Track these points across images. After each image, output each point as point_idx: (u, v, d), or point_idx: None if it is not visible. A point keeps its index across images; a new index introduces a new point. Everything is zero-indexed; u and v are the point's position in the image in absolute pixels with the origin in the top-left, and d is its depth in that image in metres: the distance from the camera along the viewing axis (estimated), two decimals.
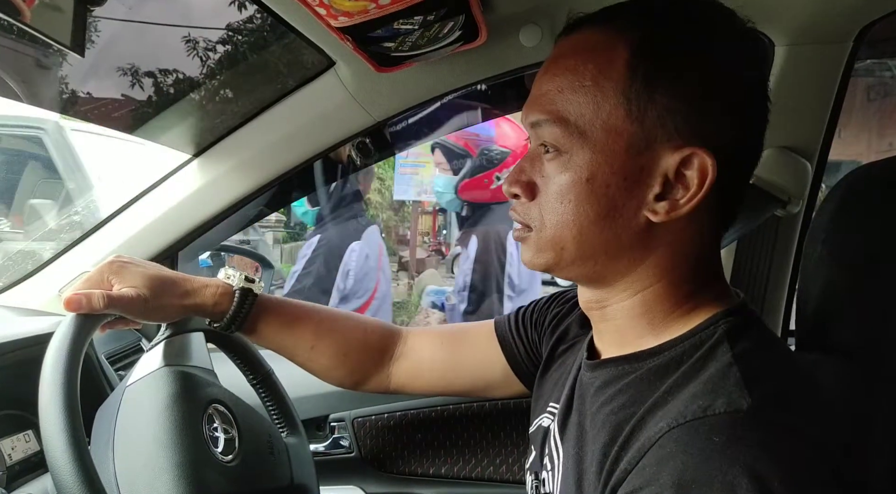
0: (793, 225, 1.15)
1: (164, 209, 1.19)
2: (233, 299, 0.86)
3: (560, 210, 0.60)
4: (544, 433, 0.75)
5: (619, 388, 0.60)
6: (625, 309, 0.63)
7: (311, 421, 1.28)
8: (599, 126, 0.58)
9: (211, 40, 1.23)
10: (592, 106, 0.58)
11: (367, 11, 0.79)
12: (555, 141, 0.60)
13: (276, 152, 1.18)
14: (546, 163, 0.61)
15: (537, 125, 0.61)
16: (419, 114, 1.39)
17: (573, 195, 0.59)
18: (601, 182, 0.58)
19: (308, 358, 0.94)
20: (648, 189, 0.58)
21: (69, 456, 0.60)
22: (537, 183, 0.62)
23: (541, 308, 0.90)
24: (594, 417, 0.61)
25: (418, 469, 1.30)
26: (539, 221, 0.62)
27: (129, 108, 1.29)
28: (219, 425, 0.80)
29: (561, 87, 0.60)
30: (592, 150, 0.58)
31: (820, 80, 1.05)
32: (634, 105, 0.57)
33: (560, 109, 0.59)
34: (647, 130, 0.57)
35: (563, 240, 0.61)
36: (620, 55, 0.57)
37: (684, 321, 0.61)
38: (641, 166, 0.58)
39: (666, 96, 0.56)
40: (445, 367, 0.94)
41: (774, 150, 1.06)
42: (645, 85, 0.57)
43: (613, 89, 0.57)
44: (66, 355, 0.67)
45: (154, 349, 0.83)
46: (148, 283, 0.79)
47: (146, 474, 0.70)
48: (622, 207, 0.59)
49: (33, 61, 1.03)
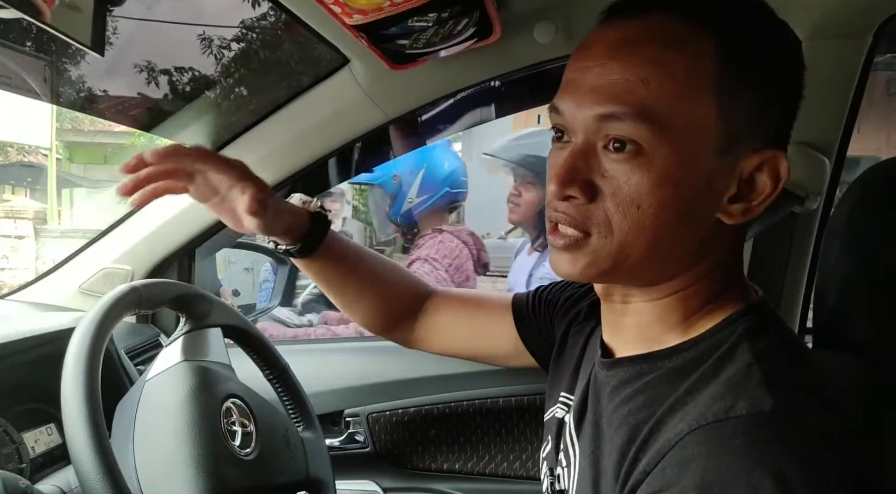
0: (810, 222, 1.13)
1: (182, 205, 1.21)
2: (311, 219, 0.86)
3: (635, 215, 0.54)
4: (559, 425, 0.74)
5: (636, 388, 0.59)
6: (653, 307, 0.61)
7: (327, 416, 1.29)
8: (690, 124, 0.53)
9: (227, 39, 1.24)
10: (685, 102, 0.53)
11: (381, 9, 0.79)
12: (639, 138, 0.53)
13: (291, 150, 1.19)
14: (614, 162, 0.55)
15: (612, 118, 0.54)
16: (432, 111, 1.39)
17: (654, 199, 0.54)
18: (687, 185, 0.54)
19: (353, 297, 0.96)
20: (725, 191, 0.56)
21: (92, 449, 0.61)
22: (598, 183, 0.55)
23: (557, 289, 0.90)
24: (611, 417, 0.60)
25: (432, 464, 1.30)
26: (605, 226, 0.56)
27: (146, 107, 1.30)
28: (236, 419, 0.81)
29: (645, 78, 0.53)
30: (680, 150, 0.54)
31: (838, 74, 1.04)
32: (726, 103, 0.53)
33: (648, 103, 0.53)
34: (732, 130, 0.54)
35: (631, 246, 0.56)
36: (709, 49, 0.53)
37: (707, 318, 0.59)
38: (724, 167, 0.55)
39: (752, 96, 0.54)
40: (460, 329, 0.96)
41: (792, 146, 1.03)
42: (737, 83, 0.54)
43: (706, 85, 0.53)
44: (87, 350, 0.68)
45: (173, 344, 0.84)
46: (249, 175, 0.80)
47: (166, 466, 0.72)
48: (701, 210, 0.56)
49: (53, 60, 1.04)
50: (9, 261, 7.01)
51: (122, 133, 10.35)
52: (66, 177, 11.02)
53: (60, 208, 9.60)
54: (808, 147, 1.05)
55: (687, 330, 0.60)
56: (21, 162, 11.62)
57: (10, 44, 0.95)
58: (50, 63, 1.02)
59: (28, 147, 10.72)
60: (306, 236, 0.86)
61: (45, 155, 9.73)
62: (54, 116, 8.22)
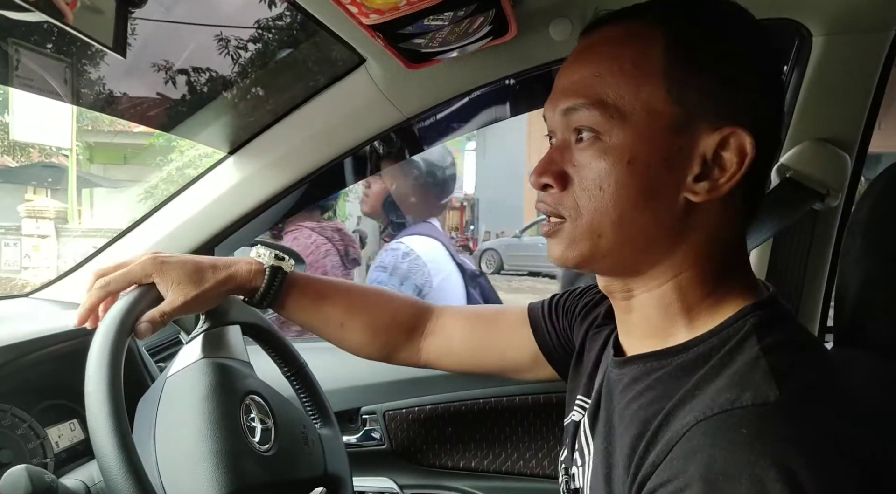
0: (831, 219, 1.12)
1: (202, 205, 1.22)
2: (264, 276, 0.89)
3: (598, 196, 0.60)
4: (574, 428, 0.76)
5: (647, 384, 0.60)
6: (653, 298, 0.63)
7: (344, 414, 1.30)
8: (640, 107, 0.58)
9: (243, 39, 1.25)
10: (633, 88, 0.58)
11: (398, 8, 0.80)
12: (593, 124, 0.59)
13: (308, 149, 1.20)
14: (579, 152, 0.61)
15: (572, 110, 0.61)
16: (448, 110, 1.39)
17: (613, 179, 0.59)
18: (642, 163, 0.58)
19: (338, 335, 0.97)
20: (688, 170, 0.59)
21: (114, 444, 0.62)
22: (569, 172, 0.62)
23: (574, 296, 0.91)
24: (622, 413, 0.62)
25: (448, 462, 1.31)
26: (574, 210, 0.61)
27: (165, 107, 1.32)
28: (256, 415, 0.82)
29: (598, 72, 0.60)
30: (633, 132, 0.58)
31: (859, 70, 1.02)
32: (675, 86, 0.58)
33: (599, 93, 0.59)
34: (687, 111, 0.58)
35: (601, 226, 0.60)
36: (658, 42, 0.59)
37: (713, 312, 0.61)
38: (681, 146, 0.58)
39: (704, 78, 0.58)
40: (475, 346, 0.96)
41: (812, 143, 1.04)
42: (685, 66, 0.58)
43: (654, 71, 0.58)
44: (110, 347, 0.69)
45: (193, 341, 0.85)
46: (187, 277, 0.82)
47: (186, 462, 0.73)
48: (663, 189, 0.59)
49: (73, 62, 1.06)
50: (31, 260, 7.14)
51: (141, 133, 10.48)
52: (86, 177, 11.19)
53: (80, 208, 9.74)
54: (828, 143, 1.04)
55: (693, 323, 0.62)
56: (42, 163, 11.81)
57: (32, 46, 0.97)
58: (70, 64, 1.04)
59: (49, 148, 10.89)
60: (258, 293, 0.89)
61: (66, 155, 9.87)
62: (74, 117, 8.33)
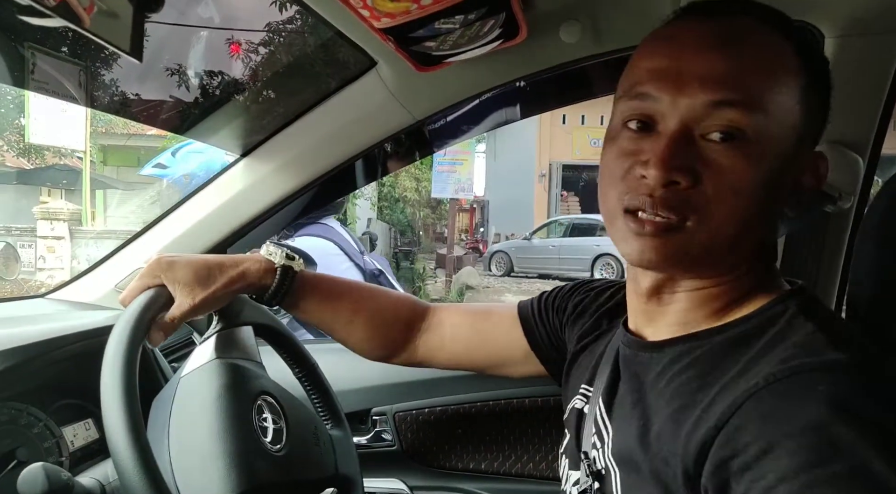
0: (844, 222, 1.11)
1: (214, 207, 1.23)
2: (275, 275, 0.90)
3: (733, 201, 0.56)
4: (578, 416, 0.76)
5: (688, 362, 0.60)
6: (698, 296, 0.63)
7: (354, 415, 1.30)
8: (785, 116, 0.57)
9: (256, 43, 1.26)
10: (784, 95, 0.57)
11: (409, 12, 0.80)
12: (746, 126, 0.55)
13: (320, 151, 1.21)
14: (720, 151, 0.56)
15: (724, 105, 0.56)
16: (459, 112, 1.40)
17: (752, 185, 0.56)
18: (775, 173, 0.57)
19: (345, 332, 0.98)
20: (790, 184, 0.60)
21: (130, 443, 0.63)
22: (698, 169, 0.57)
23: (564, 295, 0.92)
24: (661, 392, 0.61)
25: (459, 463, 1.31)
26: (704, 211, 0.57)
27: (178, 110, 1.33)
28: (268, 416, 0.83)
29: (753, 70, 0.56)
30: (776, 142, 0.57)
31: (872, 72, 1.02)
32: (808, 101, 0.58)
33: (753, 92, 0.56)
34: (807, 127, 0.59)
35: (725, 231, 0.58)
36: (793, 53, 0.58)
37: (746, 303, 0.61)
38: (796, 162, 0.59)
39: (816, 95, 0.59)
40: (467, 342, 0.97)
41: (824, 145, 1.03)
42: (812, 87, 0.59)
43: (796, 84, 0.58)
44: (125, 348, 0.70)
45: (206, 342, 0.86)
46: (195, 277, 0.83)
47: (200, 461, 0.73)
48: (778, 200, 0.60)
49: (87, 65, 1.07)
50: (46, 261, 7.21)
51: (154, 136, 10.56)
52: (99, 179, 11.28)
53: (94, 210, 9.83)
54: (841, 145, 1.03)
55: (729, 313, 0.62)
56: (57, 165, 11.93)
57: (48, 49, 0.98)
58: (85, 68, 1.05)
59: (63, 150, 11.01)
60: (269, 291, 0.90)
61: (80, 158, 9.97)
62: (88, 120, 8.42)
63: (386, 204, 11.91)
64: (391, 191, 11.96)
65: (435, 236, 14.27)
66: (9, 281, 1.68)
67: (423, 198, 12.30)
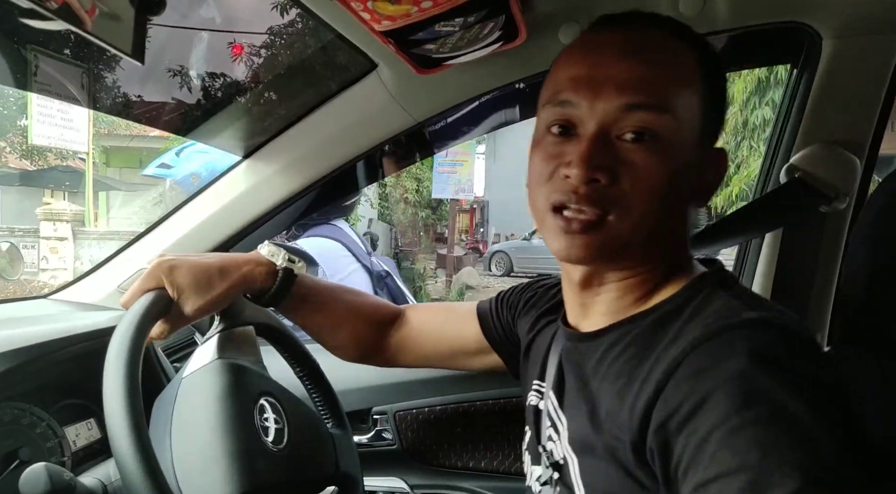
0: (842, 222, 1.12)
1: (216, 208, 1.24)
2: (275, 278, 0.90)
3: (649, 196, 0.62)
4: (535, 411, 0.81)
5: (623, 346, 0.65)
6: (625, 284, 0.68)
7: (355, 414, 1.31)
8: (689, 118, 0.63)
9: (258, 45, 1.27)
10: (687, 99, 0.63)
11: (409, 15, 0.81)
12: (658, 126, 0.61)
13: (321, 153, 1.21)
14: (634, 151, 0.61)
15: (637, 108, 0.61)
16: (459, 113, 1.40)
17: (664, 181, 0.62)
18: (683, 170, 0.63)
19: (330, 336, 1.02)
20: (696, 180, 0.66)
21: (132, 444, 0.63)
22: (615, 167, 0.62)
23: (518, 292, 0.97)
24: (604, 375, 0.66)
25: (458, 462, 1.31)
26: (623, 206, 0.62)
27: (180, 111, 1.34)
28: (269, 415, 0.83)
29: (662, 76, 0.62)
30: (683, 141, 0.63)
31: (869, 72, 1.02)
32: (706, 106, 0.65)
33: (664, 96, 0.62)
34: (707, 128, 0.65)
35: (644, 224, 0.63)
36: (693, 60, 0.65)
37: (667, 286, 0.67)
38: (700, 158, 0.66)
39: (715, 102, 0.66)
40: (430, 338, 1.03)
41: (821, 145, 1.04)
42: (710, 91, 0.65)
43: (697, 89, 0.64)
44: (128, 348, 0.70)
45: (207, 342, 0.86)
46: (195, 283, 0.83)
47: (202, 461, 0.74)
48: (688, 195, 0.67)
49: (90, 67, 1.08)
50: (48, 262, 7.22)
51: (156, 137, 10.58)
52: (102, 180, 11.30)
53: (97, 211, 9.84)
54: (837, 146, 1.04)
55: (655, 296, 0.67)
56: (59, 166, 11.95)
57: (50, 51, 0.99)
58: (87, 69, 1.06)
59: (66, 151, 11.02)
60: (268, 294, 0.91)
61: (83, 159, 9.98)
62: (91, 121, 8.43)
63: (387, 204, 11.90)
64: (392, 192, 11.95)
65: (435, 236, 14.27)
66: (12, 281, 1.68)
67: (424, 198, 12.29)
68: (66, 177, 11.27)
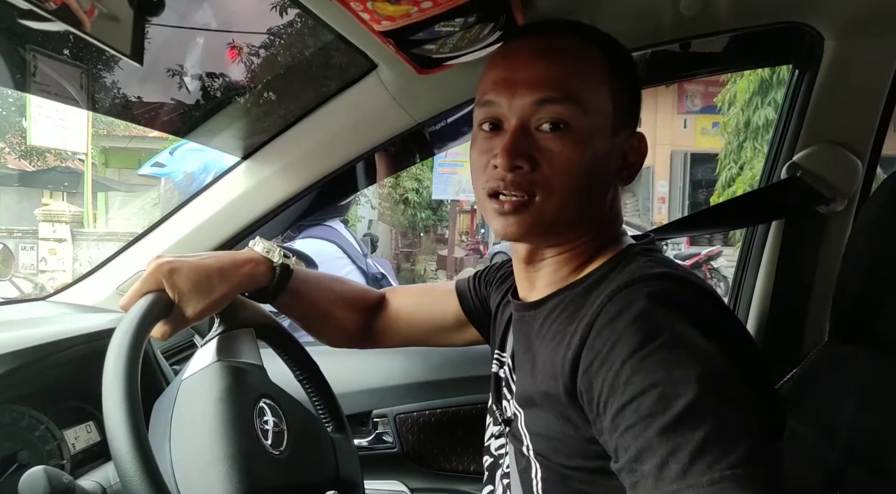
0: (843, 222, 1.11)
1: (216, 209, 1.24)
2: (273, 274, 0.92)
3: (568, 178, 0.70)
4: (496, 378, 0.90)
5: (560, 310, 0.74)
6: (561, 258, 0.77)
7: (355, 417, 1.30)
8: (597, 107, 0.72)
9: (257, 46, 1.26)
10: (592, 92, 0.72)
11: (409, 15, 0.80)
12: (568, 117, 0.70)
13: (320, 154, 1.21)
14: (549, 139, 0.70)
15: (548, 102, 0.70)
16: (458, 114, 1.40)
17: (578, 164, 0.70)
18: (598, 152, 0.72)
19: (320, 325, 1.05)
20: (616, 162, 0.75)
21: (131, 446, 0.63)
22: (535, 155, 0.70)
23: (492, 270, 1.04)
24: (543, 336, 0.74)
25: (459, 465, 1.31)
26: (546, 188, 0.70)
27: (180, 112, 1.33)
28: (269, 418, 0.83)
29: (569, 74, 0.71)
30: (593, 128, 0.71)
31: (872, 73, 1.02)
32: (617, 97, 0.73)
33: (571, 90, 0.70)
34: (619, 117, 0.74)
35: (568, 202, 0.71)
36: (602, 60, 0.74)
37: (599, 258, 0.76)
38: (616, 143, 0.74)
39: (627, 94, 0.75)
40: (410, 317, 1.08)
41: (823, 146, 1.04)
42: (619, 82, 0.74)
43: (605, 84, 0.73)
44: (127, 351, 0.70)
45: (207, 345, 0.86)
46: (194, 287, 0.82)
47: (201, 464, 0.74)
48: (607, 175, 0.75)
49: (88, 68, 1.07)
50: (47, 264, 7.21)
51: (155, 138, 10.57)
52: (101, 181, 11.29)
53: (96, 212, 9.84)
54: (839, 146, 1.03)
55: (581, 272, 0.76)
56: (58, 167, 11.94)
57: (49, 52, 0.99)
58: (86, 70, 1.06)
59: (65, 152, 11.02)
60: (266, 286, 0.92)
61: (82, 160, 9.98)
62: (90, 122, 8.43)
63: (387, 205, 11.91)
64: (392, 193, 11.96)
65: (436, 237, 14.28)
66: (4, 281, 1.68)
67: (425, 199, 12.30)
68: (65, 177, 11.26)
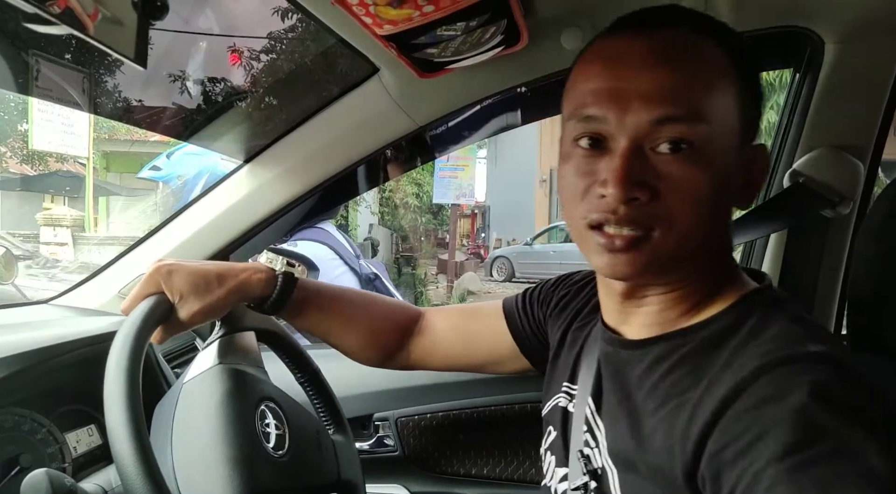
0: (845, 226, 1.11)
1: (217, 213, 1.24)
2: (275, 284, 0.89)
3: (694, 209, 0.59)
4: (563, 414, 0.78)
5: (672, 362, 0.62)
6: (671, 297, 0.65)
7: (357, 420, 1.30)
8: (725, 120, 0.59)
9: (258, 50, 1.27)
10: (722, 101, 0.59)
11: (411, 19, 0.81)
12: (693, 137, 0.57)
13: (322, 158, 1.21)
14: (672, 163, 0.58)
15: (670, 120, 0.57)
16: (460, 118, 1.41)
17: (707, 192, 0.58)
18: (725, 175, 0.60)
19: (339, 339, 0.99)
20: (739, 181, 0.63)
21: (133, 450, 0.62)
22: (654, 183, 0.58)
23: (548, 289, 0.93)
24: (650, 391, 0.63)
25: (461, 469, 1.31)
26: (667, 222, 0.59)
27: (182, 116, 1.34)
28: (271, 421, 0.83)
29: (691, 83, 0.58)
30: (722, 148, 0.59)
31: (872, 77, 1.02)
32: (743, 106, 0.61)
33: (695, 104, 0.58)
34: (746, 126, 0.62)
35: (690, 240, 0.60)
36: (724, 58, 0.60)
37: (716, 300, 0.64)
38: (742, 160, 0.62)
39: (751, 97, 0.62)
40: (458, 342, 0.99)
41: (824, 150, 1.04)
42: (747, 89, 0.61)
43: (731, 88, 0.60)
44: (128, 354, 0.70)
45: (208, 348, 0.86)
46: (193, 289, 0.82)
47: (202, 467, 0.73)
48: (731, 199, 0.64)
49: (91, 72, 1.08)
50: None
51: (157, 142, 10.59)
52: (102, 185, 11.31)
53: (97, 216, 9.85)
54: (841, 150, 1.03)
55: (704, 311, 0.64)
56: (60, 171, 11.97)
57: (51, 56, 0.99)
58: (88, 74, 1.06)
59: (66, 156, 11.04)
60: (269, 301, 0.89)
61: (83, 164, 9.99)
62: (91, 126, 8.45)
63: (387, 209, 11.92)
64: (392, 197, 11.97)
65: (437, 241, 14.29)
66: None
67: (425, 203, 12.31)
68: (67, 182, 11.28)
